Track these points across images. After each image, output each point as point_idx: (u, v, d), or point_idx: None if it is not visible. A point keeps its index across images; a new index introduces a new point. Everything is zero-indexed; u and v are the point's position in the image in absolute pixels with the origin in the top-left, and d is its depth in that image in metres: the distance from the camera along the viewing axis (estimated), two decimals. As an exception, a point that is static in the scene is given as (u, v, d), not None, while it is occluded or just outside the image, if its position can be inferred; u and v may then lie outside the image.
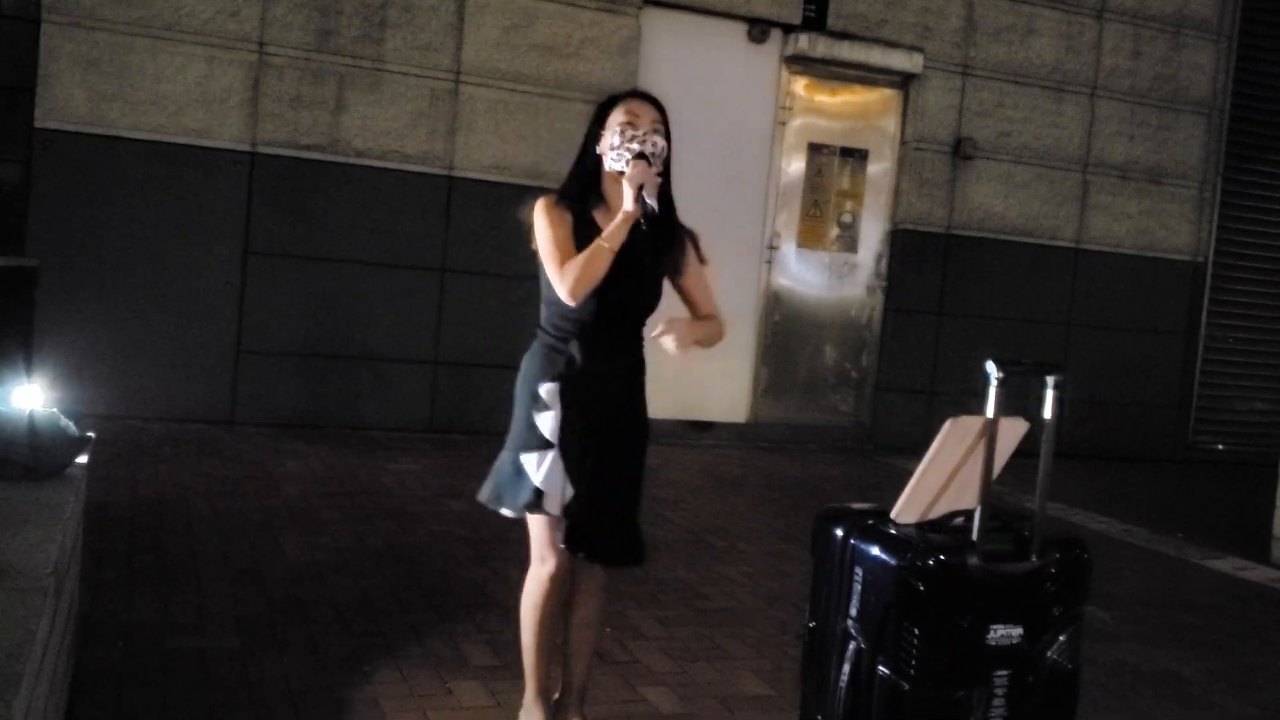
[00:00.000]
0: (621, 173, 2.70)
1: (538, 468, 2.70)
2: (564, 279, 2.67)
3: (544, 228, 2.74)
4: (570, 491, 2.70)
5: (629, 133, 2.72)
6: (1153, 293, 9.00)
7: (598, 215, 2.78)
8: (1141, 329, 8.98)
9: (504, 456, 2.80)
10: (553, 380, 2.73)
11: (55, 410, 2.73)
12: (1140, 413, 9.02)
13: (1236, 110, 9.14)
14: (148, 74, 6.42)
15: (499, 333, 6.93)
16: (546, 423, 2.71)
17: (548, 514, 2.72)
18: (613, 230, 2.66)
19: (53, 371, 3.29)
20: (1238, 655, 4.29)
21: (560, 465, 2.70)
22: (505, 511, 2.79)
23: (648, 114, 2.76)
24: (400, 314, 7.00)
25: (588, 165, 2.82)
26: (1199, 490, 8.22)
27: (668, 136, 2.78)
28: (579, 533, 2.74)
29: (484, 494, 2.83)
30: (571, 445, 2.71)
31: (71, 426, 2.74)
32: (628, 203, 2.65)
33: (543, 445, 2.71)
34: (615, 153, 2.73)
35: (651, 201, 2.66)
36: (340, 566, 4.24)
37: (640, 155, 2.70)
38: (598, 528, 2.76)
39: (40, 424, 2.63)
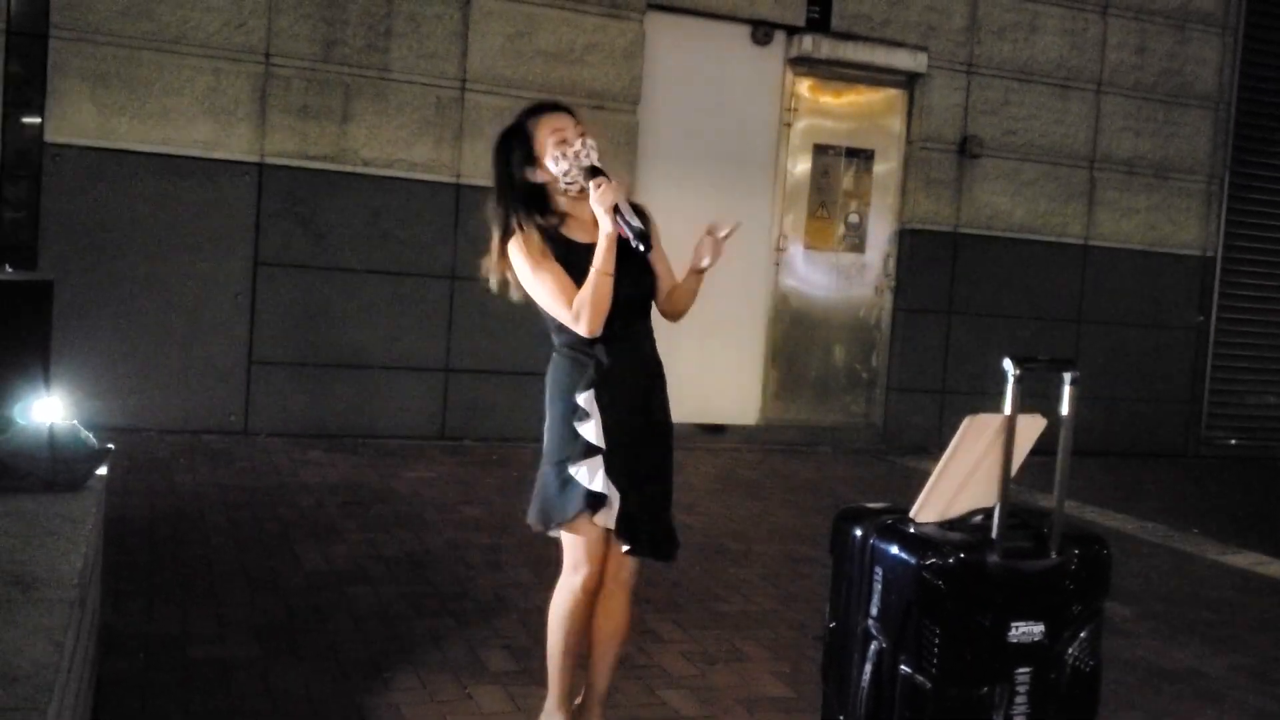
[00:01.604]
0: (584, 189, 2.68)
1: (591, 476, 2.68)
2: (580, 320, 2.66)
3: (532, 269, 2.71)
4: (617, 495, 2.70)
5: (568, 151, 2.70)
6: (1162, 288, 8.98)
7: (566, 232, 2.76)
8: (1151, 324, 8.96)
9: (546, 472, 2.76)
10: (588, 388, 2.71)
11: (75, 423, 2.75)
12: (1152, 409, 8.99)
13: (1243, 104, 9.11)
14: (156, 87, 6.45)
15: (510, 340, 6.93)
16: (590, 430, 2.69)
17: (595, 522, 2.70)
18: (604, 256, 2.64)
19: (67, 385, 3.31)
20: (1257, 650, 4.28)
21: (603, 469, 2.69)
22: (554, 532, 2.77)
23: (569, 123, 2.75)
24: (411, 322, 7.01)
25: (520, 193, 2.77)
26: (1213, 485, 8.18)
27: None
28: (635, 530, 2.74)
29: (532, 517, 2.79)
30: (611, 449, 2.70)
31: (91, 439, 2.75)
32: (606, 225, 2.63)
33: (589, 453, 2.69)
34: (568, 177, 2.71)
35: (636, 221, 2.64)
36: (357, 575, 4.25)
37: (595, 171, 2.68)
38: (647, 523, 2.77)
39: (60, 436, 2.65)
